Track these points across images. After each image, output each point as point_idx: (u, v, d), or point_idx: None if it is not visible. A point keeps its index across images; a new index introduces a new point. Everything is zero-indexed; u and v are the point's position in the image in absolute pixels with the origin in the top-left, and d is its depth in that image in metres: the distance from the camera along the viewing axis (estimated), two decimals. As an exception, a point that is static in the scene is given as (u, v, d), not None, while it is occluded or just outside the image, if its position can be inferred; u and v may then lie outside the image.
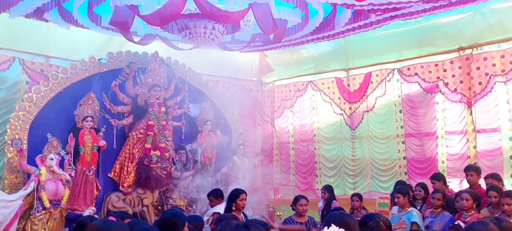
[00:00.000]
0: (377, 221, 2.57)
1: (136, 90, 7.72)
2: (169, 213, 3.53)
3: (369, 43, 8.99)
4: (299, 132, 10.55)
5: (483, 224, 2.51)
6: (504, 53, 7.60)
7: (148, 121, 7.73)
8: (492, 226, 2.52)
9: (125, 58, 7.84)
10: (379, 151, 9.22)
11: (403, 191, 5.70)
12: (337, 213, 2.47)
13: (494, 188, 5.30)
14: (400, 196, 5.62)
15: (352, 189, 9.41)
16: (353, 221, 2.31)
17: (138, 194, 7.43)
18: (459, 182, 7.90)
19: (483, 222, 2.69)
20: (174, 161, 7.93)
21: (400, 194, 5.64)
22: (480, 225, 2.50)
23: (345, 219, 2.29)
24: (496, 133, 7.65)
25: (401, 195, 5.62)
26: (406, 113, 8.79)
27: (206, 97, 8.93)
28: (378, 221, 2.57)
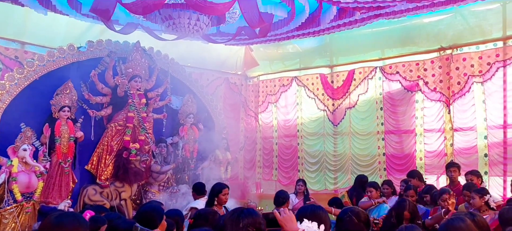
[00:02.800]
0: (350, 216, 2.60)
1: (116, 80, 7.40)
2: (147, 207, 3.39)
3: (353, 41, 8.98)
4: (283, 127, 10.47)
5: (460, 219, 2.56)
6: (482, 55, 7.69)
7: (128, 113, 7.43)
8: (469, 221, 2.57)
9: (106, 47, 7.49)
10: (360, 147, 9.24)
11: (375, 185, 5.96)
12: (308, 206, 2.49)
13: (468, 187, 5.39)
14: (373, 190, 5.83)
15: (333, 184, 9.50)
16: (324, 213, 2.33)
17: (116, 187, 7.16)
18: (436, 179, 8.01)
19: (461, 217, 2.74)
20: (154, 154, 7.67)
21: (373, 188, 5.86)
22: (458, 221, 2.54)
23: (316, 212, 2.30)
24: (472, 132, 7.78)
25: (373, 189, 5.83)
26: (387, 110, 8.83)
27: (189, 90, 8.67)
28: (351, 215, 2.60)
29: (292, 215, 2.24)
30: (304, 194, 7.13)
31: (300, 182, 7.32)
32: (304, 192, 7.16)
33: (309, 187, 9.53)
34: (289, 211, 2.29)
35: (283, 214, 2.19)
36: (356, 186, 7.07)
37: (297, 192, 7.20)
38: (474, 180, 6.11)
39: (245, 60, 10.39)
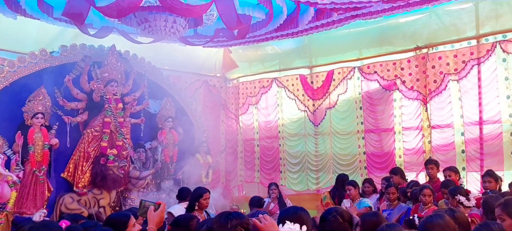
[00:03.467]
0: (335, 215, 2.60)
1: (91, 85, 7.28)
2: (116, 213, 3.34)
3: (331, 41, 9.11)
4: (264, 128, 10.52)
5: (439, 216, 2.62)
6: (457, 53, 7.90)
7: (104, 118, 7.33)
8: (448, 217, 2.64)
9: (80, 51, 7.37)
10: (341, 147, 9.37)
11: (354, 184, 6.10)
12: (290, 208, 2.48)
13: (446, 185, 5.53)
14: (351, 188, 5.98)
15: (315, 184, 9.61)
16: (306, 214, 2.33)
17: (94, 195, 7.05)
18: (415, 176, 8.17)
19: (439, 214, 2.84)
20: (132, 160, 7.58)
21: (351, 186, 5.97)
22: (437, 218, 2.61)
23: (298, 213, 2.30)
24: (449, 129, 7.99)
25: (352, 187, 5.97)
26: (366, 110, 9.00)
27: (167, 93, 8.60)
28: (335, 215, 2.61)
29: (273, 222, 2.23)
30: (278, 198, 6.99)
31: (273, 186, 7.11)
32: (278, 196, 7.01)
33: (291, 188, 9.62)
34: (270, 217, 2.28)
35: (263, 221, 2.17)
36: (337, 186, 7.14)
37: (271, 197, 7.00)
38: (452, 176, 6.27)
39: (224, 62, 10.37)
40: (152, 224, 2.51)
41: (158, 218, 2.53)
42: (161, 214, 2.55)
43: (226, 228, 1.99)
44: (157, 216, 2.54)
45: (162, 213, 2.57)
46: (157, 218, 2.52)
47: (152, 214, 2.55)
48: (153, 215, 2.55)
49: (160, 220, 2.55)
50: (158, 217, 2.53)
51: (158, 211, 2.55)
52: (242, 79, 10.93)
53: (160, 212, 2.54)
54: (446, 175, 6.33)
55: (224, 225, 2.01)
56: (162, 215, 2.57)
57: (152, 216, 2.54)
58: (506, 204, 2.89)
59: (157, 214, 2.53)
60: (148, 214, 2.56)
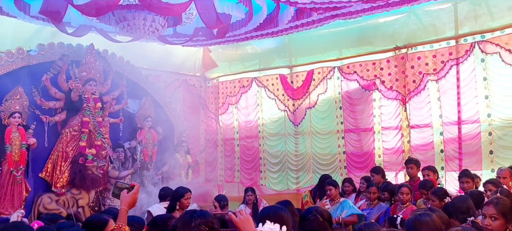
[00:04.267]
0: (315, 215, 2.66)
1: (69, 84, 7.39)
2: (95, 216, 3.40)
3: (311, 41, 9.34)
4: (244, 128, 10.73)
5: (428, 215, 2.71)
6: (436, 53, 8.22)
7: (83, 117, 7.45)
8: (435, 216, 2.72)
9: (58, 50, 7.47)
10: (321, 146, 9.66)
11: (334, 183, 6.11)
12: (270, 207, 2.56)
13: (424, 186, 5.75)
14: (332, 188, 5.98)
15: (295, 184, 9.88)
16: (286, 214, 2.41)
17: (72, 195, 7.14)
18: (394, 175, 8.49)
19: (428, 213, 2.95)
20: (111, 160, 7.68)
21: (332, 186, 6.00)
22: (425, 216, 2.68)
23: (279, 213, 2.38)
24: (428, 129, 8.32)
25: (333, 187, 5.99)
26: (346, 109, 9.29)
27: (146, 93, 8.73)
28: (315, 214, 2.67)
29: (249, 217, 2.29)
30: (253, 203, 6.88)
31: (249, 192, 6.98)
32: (254, 201, 6.89)
33: (271, 187, 9.81)
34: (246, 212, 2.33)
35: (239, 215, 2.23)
36: (319, 186, 7.31)
37: (247, 202, 6.90)
38: (430, 176, 6.45)
39: (203, 62, 10.52)
40: (124, 205, 2.54)
41: (130, 199, 2.55)
42: (134, 195, 2.58)
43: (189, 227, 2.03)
44: (130, 197, 2.56)
45: (136, 195, 2.60)
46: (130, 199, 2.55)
47: (125, 195, 2.58)
48: (126, 196, 2.58)
49: (133, 201, 2.57)
50: (131, 198, 2.56)
51: (131, 192, 2.58)
52: (222, 78, 11.11)
53: (134, 193, 2.57)
54: (424, 174, 6.51)
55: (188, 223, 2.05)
56: (135, 196, 2.60)
57: (124, 197, 2.57)
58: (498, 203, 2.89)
59: (130, 195, 2.56)
60: (121, 195, 2.60)
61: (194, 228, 2.00)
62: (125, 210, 2.52)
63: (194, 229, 2.00)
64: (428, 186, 5.68)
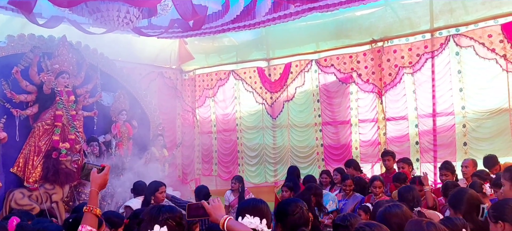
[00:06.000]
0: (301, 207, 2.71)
1: (41, 77, 7.37)
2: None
3: (288, 34, 9.55)
4: (221, 121, 10.88)
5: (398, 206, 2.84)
6: (412, 46, 8.53)
7: (56, 111, 7.45)
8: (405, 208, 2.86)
9: (28, 42, 7.43)
10: (298, 139, 9.92)
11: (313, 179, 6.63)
12: (250, 200, 2.63)
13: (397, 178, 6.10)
14: None
15: (273, 177, 10.13)
16: (266, 207, 2.46)
17: (46, 190, 7.15)
18: (371, 167, 8.81)
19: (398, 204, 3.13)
20: (85, 154, 7.71)
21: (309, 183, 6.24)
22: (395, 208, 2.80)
23: (258, 206, 2.43)
24: (404, 121, 8.66)
25: None
26: (323, 102, 9.56)
27: (121, 86, 8.76)
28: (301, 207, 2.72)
29: (220, 204, 2.40)
30: (239, 191, 7.37)
31: (234, 180, 7.51)
32: (239, 189, 7.37)
33: (249, 180, 10.00)
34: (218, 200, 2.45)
35: (212, 202, 2.34)
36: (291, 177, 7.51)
37: (233, 190, 7.48)
38: (405, 168, 6.82)
39: (179, 54, 10.58)
40: (95, 186, 2.44)
41: (101, 180, 2.47)
42: (105, 176, 2.50)
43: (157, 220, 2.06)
44: (101, 178, 2.47)
45: (106, 176, 2.52)
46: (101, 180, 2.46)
47: (95, 176, 2.49)
48: (96, 176, 2.48)
49: (103, 182, 2.49)
50: (101, 179, 2.47)
51: (101, 173, 2.50)
52: (199, 71, 11.21)
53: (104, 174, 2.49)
54: (399, 166, 6.86)
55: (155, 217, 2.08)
56: (106, 177, 2.52)
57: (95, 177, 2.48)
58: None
59: (101, 176, 2.48)
60: (91, 175, 2.51)
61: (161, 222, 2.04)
62: (96, 192, 2.43)
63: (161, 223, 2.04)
64: (401, 179, 6.02)
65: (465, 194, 2.99)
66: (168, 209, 2.16)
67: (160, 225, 2.02)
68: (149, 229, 2.01)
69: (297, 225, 2.61)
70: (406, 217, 2.65)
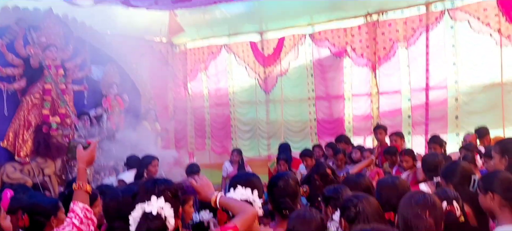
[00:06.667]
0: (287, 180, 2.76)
1: (28, 50, 7.31)
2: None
3: (282, 6, 9.39)
4: (214, 95, 10.90)
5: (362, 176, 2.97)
6: (407, 20, 8.54)
7: (45, 85, 7.43)
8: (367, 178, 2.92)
9: (13, 14, 7.31)
10: (292, 114, 10.00)
11: (309, 154, 6.65)
12: (242, 174, 2.72)
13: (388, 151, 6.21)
14: (307, 159, 6.33)
15: (266, 151, 10.19)
16: (257, 180, 2.51)
17: (37, 164, 7.19)
18: (363, 141, 8.91)
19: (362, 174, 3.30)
20: (77, 128, 7.71)
21: (307, 157, 6.35)
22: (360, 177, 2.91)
23: (250, 179, 2.48)
24: (397, 95, 8.76)
25: (309, 158, 6.35)
26: (317, 77, 9.59)
27: (110, 59, 8.71)
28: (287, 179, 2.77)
29: (208, 182, 2.41)
30: (239, 163, 7.70)
31: (235, 152, 7.91)
32: (239, 162, 7.73)
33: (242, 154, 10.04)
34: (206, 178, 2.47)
35: (199, 181, 2.33)
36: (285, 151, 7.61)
37: (232, 161, 7.82)
38: (397, 141, 6.92)
39: (170, 27, 10.44)
40: (82, 163, 2.47)
41: (88, 156, 2.49)
42: (91, 153, 2.52)
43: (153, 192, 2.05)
44: (88, 154, 2.49)
45: (93, 152, 2.53)
46: (88, 157, 2.48)
47: (82, 153, 2.50)
48: (83, 153, 2.50)
49: (90, 158, 2.52)
50: (88, 155, 2.49)
51: (88, 150, 2.51)
52: (190, 44, 11.13)
53: (91, 151, 2.51)
54: (391, 140, 6.94)
55: (151, 190, 2.06)
56: (92, 154, 2.54)
57: (82, 155, 2.49)
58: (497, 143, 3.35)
59: (87, 153, 2.49)
60: (78, 152, 2.52)
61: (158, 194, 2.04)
62: (84, 168, 2.46)
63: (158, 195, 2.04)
64: (392, 152, 6.15)
65: (458, 166, 3.08)
66: (163, 181, 2.17)
67: (157, 196, 2.03)
68: (146, 200, 2.04)
69: (282, 195, 2.67)
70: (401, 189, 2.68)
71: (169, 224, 2.02)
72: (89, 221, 2.27)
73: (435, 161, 4.07)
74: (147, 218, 1.98)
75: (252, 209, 2.27)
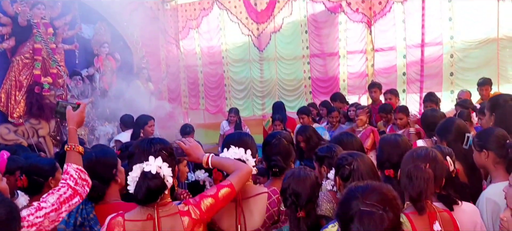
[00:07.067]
0: (279, 138, 2.79)
1: (15, 8, 7.18)
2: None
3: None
4: (207, 54, 10.75)
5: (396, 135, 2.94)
6: (403, -26, 8.35)
7: (34, 44, 7.35)
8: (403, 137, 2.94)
9: (-2, -30, 7.10)
10: (286, 72, 9.93)
11: (307, 111, 6.59)
12: (235, 133, 2.74)
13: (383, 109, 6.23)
14: (305, 117, 6.34)
15: (260, 110, 10.20)
16: (250, 140, 2.51)
17: (31, 125, 7.20)
18: (358, 99, 8.93)
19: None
20: (69, 88, 7.67)
21: (304, 114, 6.37)
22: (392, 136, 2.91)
23: (243, 138, 2.47)
24: (392, 52, 8.70)
25: (305, 115, 6.35)
26: (311, 33, 9.48)
27: (101, 17, 8.60)
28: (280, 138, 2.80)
29: (197, 144, 2.40)
30: (236, 123, 7.77)
31: (232, 113, 7.95)
32: (236, 121, 7.80)
33: (237, 114, 10.07)
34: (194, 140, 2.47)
35: (188, 143, 2.32)
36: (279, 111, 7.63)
37: (230, 121, 7.87)
38: (392, 99, 6.96)
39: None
40: (72, 124, 2.41)
41: (78, 117, 2.44)
42: (81, 114, 2.46)
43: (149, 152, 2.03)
44: (77, 115, 2.44)
45: (82, 113, 2.48)
46: (78, 118, 2.44)
47: (71, 113, 2.45)
48: (73, 114, 2.44)
49: (80, 119, 2.46)
50: (78, 116, 2.44)
51: (78, 110, 2.46)
52: (181, 1, 10.87)
53: (80, 111, 2.46)
54: (386, 98, 6.99)
55: (147, 149, 2.04)
56: (82, 115, 2.48)
57: (71, 115, 2.44)
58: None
59: (77, 113, 2.44)
60: (67, 113, 2.46)
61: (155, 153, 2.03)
62: (74, 129, 2.40)
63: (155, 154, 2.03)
64: (387, 109, 6.18)
65: (453, 124, 3.10)
66: (159, 140, 2.14)
67: (154, 156, 2.02)
68: (144, 160, 2.05)
69: (274, 154, 2.71)
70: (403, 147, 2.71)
71: (167, 183, 2.04)
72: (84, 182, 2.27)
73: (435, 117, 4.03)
74: (146, 177, 1.99)
75: (247, 166, 2.29)
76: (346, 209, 1.59)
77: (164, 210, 2.05)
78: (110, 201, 2.47)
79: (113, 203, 2.47)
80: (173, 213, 2.05)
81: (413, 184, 2.06)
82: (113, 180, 2.52)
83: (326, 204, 2.46)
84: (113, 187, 2.51)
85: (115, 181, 2.52)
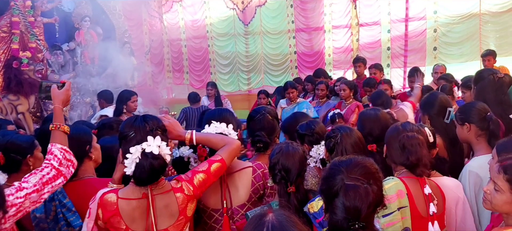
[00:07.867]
0: (264, 114, 2.76)
1: (-10, -20, 6.89)
2: None
3: None
4: (191, 27, 10.59)
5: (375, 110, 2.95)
6: None
7: (12, 17, 7.13)
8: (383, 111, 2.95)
9: None
10: (272, 47, 9.87)
11: (295, 86, 6.45)
12: (214, 110, 2.67)
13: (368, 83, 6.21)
14: (293, 91, 6.26)
15: (246, 85, 10.16)
16: (231, 115, 2.49)
17: (10, 101, 7.03)
18: (343, 73, 8.96)
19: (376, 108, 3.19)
20: (49, 63, 7.50)
21: (293, 89, 6.28)
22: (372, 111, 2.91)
23: (223, 114, 2.46)
24: (377, 26, 8.73)
25: (295, 90, 6.35)
26: (297, 7, 9.42)
27: (81, -12, 8.31)
28: (264, 113, 2.77)
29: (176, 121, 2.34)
30: (215, 97, 7.64)
31: (209, 86, 7.79)
32: (214, 95, 7.66)
33: (222, 89, 10.06)
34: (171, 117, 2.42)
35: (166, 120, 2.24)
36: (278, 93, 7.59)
37: (209, 95, 7.73)
38: (376, 74, 6.95)
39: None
40: (57, 102, 2.37)
41: (63, 96, 2.40)
42: (66, 92, 2.43)
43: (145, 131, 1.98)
44: (63, 94, 2.40)
45: (68, 92, 2.45)
46: (63, 96, 2.40)
47: (56, 92, 2.41)
48: (58, 92, 2.40)
49: (66, 98, 2.43)
50: (63, 95, 2.40)
51: (63, 89, 2.42)
52: (163, -28, 10.65)
53: (66, 90, 2.42)
54: (371, 72, 6.97)
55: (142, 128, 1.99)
56: (68, 93, 2.45)
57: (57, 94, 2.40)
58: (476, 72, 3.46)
59: (63, 92, 2.41)
60: (52, 92, 2.42)
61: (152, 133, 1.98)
62: (60, 108, 2.36)
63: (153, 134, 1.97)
64: (371, 84, 6.17)
65: (436, 98, 3.11)
66: (150, 117, 2.07)
67: (153, 137, 1.96)
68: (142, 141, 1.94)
69: (258, 129, 2.69)
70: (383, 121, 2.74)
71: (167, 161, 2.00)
72: (69, 163, 2.22)
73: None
74: (148, 157, 1.93)
75: (236, 141, 2.26)
76: (331, 184, 1.58)
77: (158, 187, 2.01)
78: (83, 177, 2.47)
79: (86, 179, 2.47)
80: (167, 191, 2.02)
81: (409, 151, 2.11)
82: (87, 156, 2.51)
83: (311, 178, 2.45)
84: (87, 163, 2.51)
85: (88, 157, 2.52)
